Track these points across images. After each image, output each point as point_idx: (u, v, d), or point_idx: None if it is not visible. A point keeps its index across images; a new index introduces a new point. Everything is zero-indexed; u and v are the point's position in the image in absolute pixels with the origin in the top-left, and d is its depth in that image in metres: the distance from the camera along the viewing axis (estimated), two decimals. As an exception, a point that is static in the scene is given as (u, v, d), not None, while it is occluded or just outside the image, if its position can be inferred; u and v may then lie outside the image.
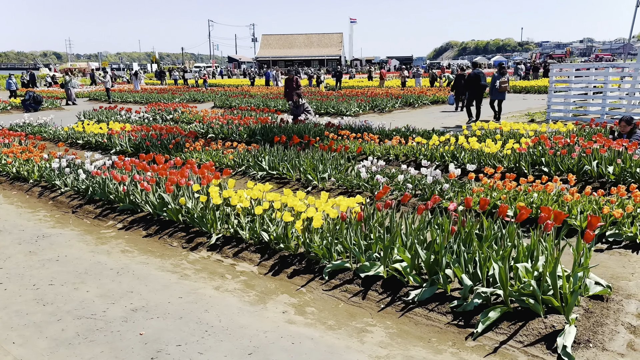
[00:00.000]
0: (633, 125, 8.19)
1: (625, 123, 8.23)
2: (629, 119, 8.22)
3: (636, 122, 8.42)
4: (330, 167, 8.04)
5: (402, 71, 31.78)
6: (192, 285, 4.52)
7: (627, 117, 8.25)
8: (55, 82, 46.28)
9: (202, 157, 9.42)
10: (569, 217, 5.47)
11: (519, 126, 10.41)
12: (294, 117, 15.44)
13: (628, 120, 8.21)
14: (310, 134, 11.01)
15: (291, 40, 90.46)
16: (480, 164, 8.40)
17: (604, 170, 7.21)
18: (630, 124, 8.16)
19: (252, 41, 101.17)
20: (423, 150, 9.22)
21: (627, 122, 8.22)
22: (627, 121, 8.21)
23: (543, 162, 7.87)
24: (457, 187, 6.68)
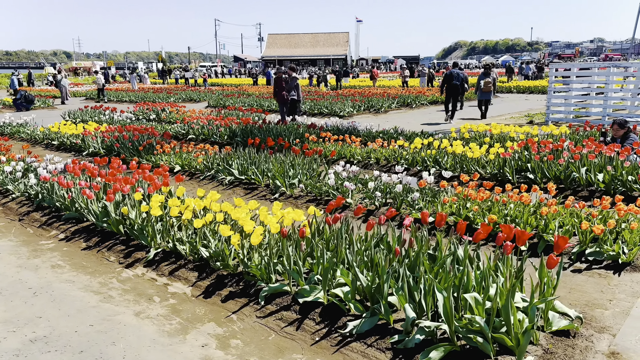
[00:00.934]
0: (627, 128, 7.60)
1: (617, 126, 7.65)
2: (622, 122, 7.63)
3: (632, 125, 7.84)
4: (301, 172, 7.52)
5: (403, 70, 31.13)
6: (112, 309, 4.02)
7: (620, 120, 7.67)
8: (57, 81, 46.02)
9: (173, 159, 8.94)
10: (545, 232, 4.92)
11: (509, 129, 9.84)
12: (281, 118, 14.97)
13: (621, 124, 7.63)
14: (292, 136, 10.50)
15: (297, 39, 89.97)
16: (462, 170, 7.85)
17: (593, 178, 6.65)
18: (624, 128, 7.57)
19: (259, 40, 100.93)
20: (404, 154, 8.68)
21: (620, 125, 7.63)
22: (620, 124, 7.63)
23: (529, 169, 7.30)
24: (430, 196, 6.13)
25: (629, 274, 4.38)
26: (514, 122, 15.49)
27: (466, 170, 7.80)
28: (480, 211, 5.41)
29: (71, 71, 71.57)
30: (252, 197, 7.33)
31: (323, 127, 11.81)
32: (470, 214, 5.44)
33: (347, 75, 42.55)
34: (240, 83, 40.16)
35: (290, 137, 10.37)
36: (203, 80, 37.32)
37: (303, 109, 18.97)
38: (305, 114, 18.77)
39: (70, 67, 73.69)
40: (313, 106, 18.96)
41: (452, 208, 5.68)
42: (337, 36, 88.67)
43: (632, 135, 7.56)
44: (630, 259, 4.45)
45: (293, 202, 6.95)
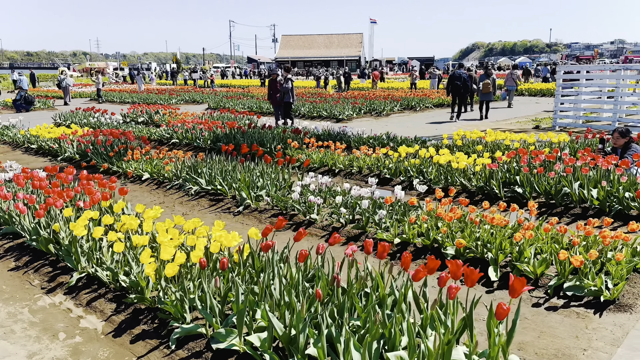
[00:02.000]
0: (628, 138, 6.90)
1: (618, 135, 6.95)
2: (623, 131, 6.93)
3: (635, 135, 7.15)
4: (269, 183, 6.95)
5: (413, 72, 30.36)
6: (4, 349, 3.49)
7: (622, 129, 6.97)
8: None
9: (141, 166, 8.44)
10: (519, 260, 4.29)
11: (504, 135, 9.16)
12: (276, 121, 14.45)
13: (623, 133, 6.93)
14: (273, 142, 9.94)
15: (311, 40, 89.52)
16: (447, 181, 7.22)
17: (587, 194, 5.98)
18: (625, 137, 6.88)
19: (273, 42, 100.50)
20: (387, 163, 8.07)
21: (621, 134, 6.93)
22: (622, 133, 6.93)
23: (518, 182, 6.65)
24: (399, 213, 5.52)
25: (611, 314, 3.73)
26: (519, 127, 14.79)
27: (451, 182, 7.18)
28: (450, 233, 4.79)
29: (85, 72, 71.91)
30: (216, 209, 6.79)
31: (312, 132, 11.23)
32: (439, 237, 4.82)
33: (363, 76, 41.89)
34: (248, 84, 39.72)
35: (272, 143, 9.81)
36: (210, 82, 36.98)
37: (303, 112, 18.45)
38: (304, 117, 18.25)
39: (84, 68, 74.03)
40: (312, 109, 18.39)
41: (422, 228, 5.07)
42: (351, 37, 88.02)
43: (634, 146, 6.85)
44: (614, 296, 3.81)
45: (257, 216, 6.39)
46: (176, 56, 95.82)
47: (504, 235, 4.57)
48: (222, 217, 6.52)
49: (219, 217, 6.53)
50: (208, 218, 6.49)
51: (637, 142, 7.12)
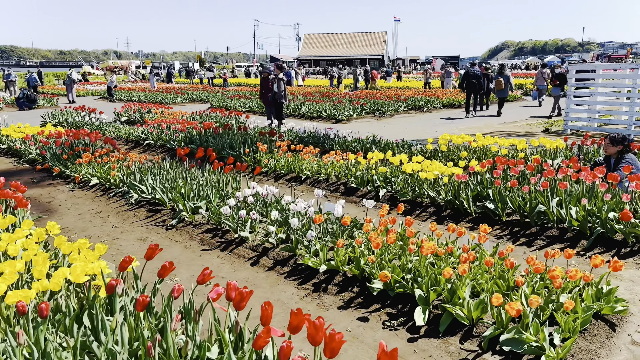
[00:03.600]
0: (624, 146, 5.93)
1: (609, 142, 5.98)
2: (616, 138, 5.96)
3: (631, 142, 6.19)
4: (213, 192, 6.23)
5: (427, 70, 29.24)
6: None
7: (614, 136, 5.99)
8: (85, 79, 46.30)
9: (90, 171, 7.81)
10: (451, 301, 3.47)
11: (493, 141, 8.23)
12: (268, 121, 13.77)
13: (614, 139, 5.95)
14: (244, 146, 9.23)
15: (333, 39, 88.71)
16: (414, 193, 6.39)
17: (565, 213, 5.09)
18: (616, 145, 5.91)
19: (296, 40, 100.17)
20: (354, 170, 7.27)
21: (611, 141, 5.96)
22: (612, 140, 5.96)
23: (490, 196, 5.78)
24: (338, 234, 4.73)
25: (553, 381, 2.89)
26: (528, 129, 13.79)
27: (418, 194, 6.34)
28: (379, 262, 3.99)
29: (108, 70, 72.59)
30: (150, 222, 6.09)
31: (295, 134, 10.49)
32: (366, 267, 4.02)
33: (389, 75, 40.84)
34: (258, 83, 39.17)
35: (241, 146, 9.10)
36: (223, 81, 36.53)
37: (302, 112, 17.72)
38: (303, 117, 17.51)
39: (107, 66, 74.72)
40: (312, 109, 17.62)
41: (355, 253, 4.28)
42: (374, 36, 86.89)
43: (629, 157, 5.87)
44: (560, 356, 2.96)
45: (190, 231, 5.67)
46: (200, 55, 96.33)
47: (439, 268, 3.75)
48: (153, 231, 5.83)
49: (149, 231, 5.84)
50: (137, 232, 5.81)
51: (636, 151, 6.13)
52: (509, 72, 17.00)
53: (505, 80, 16.86)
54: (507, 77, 17.14)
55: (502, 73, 17.27)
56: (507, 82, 17.03)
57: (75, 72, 26.23)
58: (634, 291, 3.92)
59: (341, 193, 7.21)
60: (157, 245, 3.35)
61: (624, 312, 3.40)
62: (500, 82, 16.67)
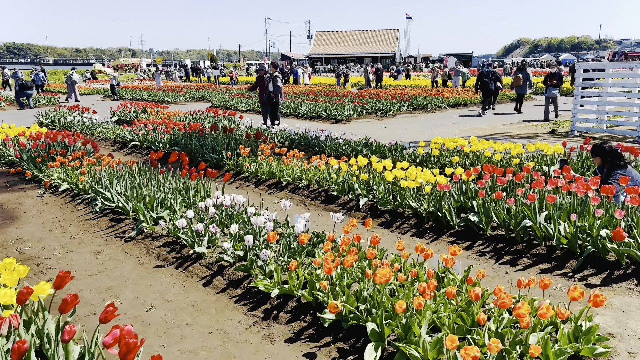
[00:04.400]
0: (611, 158, 5.39)
1: (593, 154, 5.44)
2: (595, 147, 5.41)
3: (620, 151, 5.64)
4: (176, 202, 5.82)
5: (434, 68, 28.53)
6: None
7: (595, 145, 5.44)
8: (94, 78, 46.32)
9: (62, 176, 7.46)
10: (406, 339, 3.02)
11: (486, 145, 7.71)
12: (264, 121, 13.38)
13: (593, 149, 5.41)
14: (226, 149, 8.83)
15: (345, 37, 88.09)
16: (396, 203, 5.93)
17: (553, 229, 4.60)
18: (594, 155, 5.38)
19: (308, 38, 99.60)
20: (335, 177, 6.82)
21: (593, 151, 5.42)
22: (595, 150, 5.42)
23: (474, 208, 5.31)
24: (297, 253, 4.29)
25: None
26: (534, 130, 13.23)
27: (400, 204, 5.88)
28: (332, 290, 3.54)
29: (120, 68, 72.72)
30: (110, 233, 5.71)
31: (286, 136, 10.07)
32: (320, 294, 3.58)
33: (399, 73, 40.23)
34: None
35: (224, 150, 8.70)
36: (230, 79, 36.20)
37: (302, 112, 17.28)
38: (303, 116, 17.08)
39: (117, 64, 74.85)
40: (312, 108, 17.18)
41: (313, 276, 3.84)
42: (386, 33, 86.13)
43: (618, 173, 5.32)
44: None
45: (148, 245, 5.27)
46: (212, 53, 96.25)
47: (396, 298, 3.30)
48: (111, 243, 5.44)
49: (107, 243, 5.45)
50: (93, 244, 5.42)
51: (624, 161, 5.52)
52: (529, 69, 16.64)
53: (525, 77, 16.57)
54: (526, 74, 16.84)
55: (522, 70, 17.00)
56: (527, 79, 16.74)
57: (75, 73, 26.02)
58: (623, 324, 3.43)
59: (321, 201, 6.78)
60: (68, 273, 2.94)
61: (605, 355, 2.92)
62: (519, 78, 16.41)
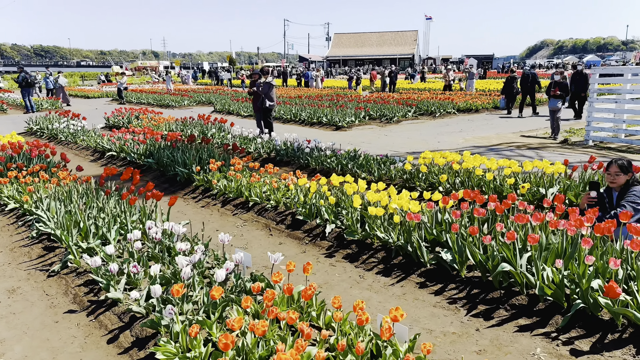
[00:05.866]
0: (631, 175, 4.55)
1: (617, 169, 4.58)
2: (625, 164, 4.57)
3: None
4: (114, 230, 5.14)
5: (447, 72, 27.46)
6: None
7: (623, 162, 4.59)
8: (108, 80, 46.23)
9: (9, 193, 6.85)
10: None
11: (478, 162, 6.85)
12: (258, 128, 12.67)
13: (624, 166, 4.57)
14: (200, 162, 8.14)
15: (363, 38, 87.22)
16: (364, 233, 5.16)
17: (535, 276, 3.78)
18: (626, 172, 4.54)
19: (326, 40, 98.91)
20: (302, 198, 6.07)
21: (621, 168, 4.57)
22: (623, 167, 4.57)
23: (449, 243, 4.50)
24: (209, 309, 3.54)
25: None
26: (545, 140, 12.25)
27: (368, 233, 5.10)
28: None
29: (138, 70, 72.96)
30: (37, 264, 5.05)
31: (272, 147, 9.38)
32: (219, 367, 2.84)
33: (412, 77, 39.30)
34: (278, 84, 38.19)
35: (194, 163, 8.01)
36: (241, 82, 35.67)
37: (303, 118, 16.56)
38: (303, 123, 16.36)
39: (136, 67, 75.18)
40: (313, 114, 16.44)
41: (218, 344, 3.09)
42: (405, 34, 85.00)
43: (638, 190, 4.48)
44: None
45: (68, 282, 4.58)
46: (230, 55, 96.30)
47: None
48: (32, 278, 4.77)
49: (28, 277, 4.79)
50: (13, 278, 4.78)
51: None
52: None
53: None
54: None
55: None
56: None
57: (62, 77, 25.84)
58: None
59: (287, 226, 6.03)
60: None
61: None
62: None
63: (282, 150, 9.68)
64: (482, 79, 39.19)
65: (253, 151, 10.33)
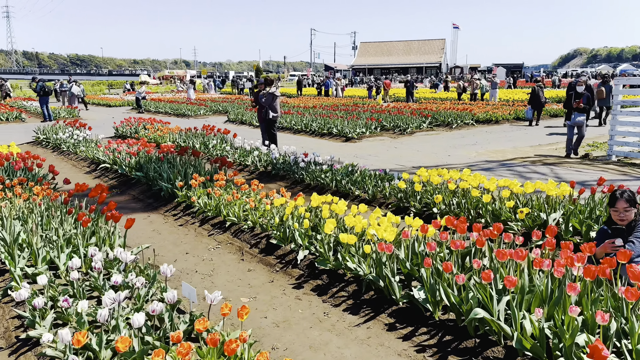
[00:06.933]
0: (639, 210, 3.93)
1: (626, 204, 3.93)
2: (631, 197, 3.94)
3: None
4: (63, 254, 4.73)
5: (473, 80, 26.49)
6: None
7: (630, 194, 3.95)
8: (133, 89, 46.65)
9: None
10: None
11: (475, 181, 6.24)
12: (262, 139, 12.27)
13: (631, 200, 3.94)
14: (185, 176, 7.75)
15: (389, 47, 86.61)
16: (336, 262, 4.64)
17: (514, 325, 3.21)
18: (635, 205, 3.91)
19: (352, 49, 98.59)
20: (277, 220, 5.58)
21: (629, 202, 3.93)
22: (631, 200, 3.94)
23: (424, 279, 3.94)
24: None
25: None
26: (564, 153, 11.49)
27: (339, 263, 4.58)
28: None
29: (165, 79, 73.79)
30: (-18, 289, 4.67)
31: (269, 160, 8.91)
32: None
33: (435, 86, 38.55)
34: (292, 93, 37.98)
35: (177, 178, 7.61)
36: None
37: (313, 128, 16.12)
38: (313, 133, 15.91)
39: (163, 75, 76.08)
40: (323, 125, 15.98)
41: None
42: (432, 43, 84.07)
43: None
44: None
45: (4, 312, 4.19)
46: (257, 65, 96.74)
47: None
48: (-30, 306, 4.39)
49: (-34, 305, 4.41)
50: (-52, 307, 4.39)
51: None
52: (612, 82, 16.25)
53: (607, 90, 16.66)
54: (610, 87, 16.81)
55: (605, 83, 17.39)
56: (609, 92, 16.62)
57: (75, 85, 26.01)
58: None
59: (260, 250, 5.56)
60: None
61: None
62: (602, 91, 16.59)
63: (278, 164, 9.24)
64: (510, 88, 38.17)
65: (250, 164, 9.93)
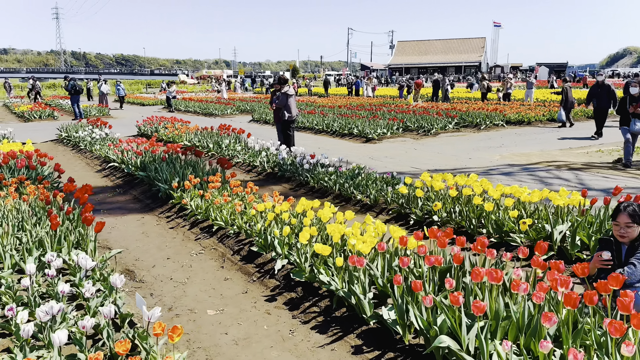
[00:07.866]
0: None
1: (629, 218, 3.45)
2: (636, 212, 3.45)
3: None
4: (29, 258, 4.54)
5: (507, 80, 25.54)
6: None
7: (632, 208, 3.47)
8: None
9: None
10: None
11: (479, 188, 5.76)
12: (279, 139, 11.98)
13: (635, 215, 3.44)
14: (182, 178, 7.53)
15: (427, 46, 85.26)
16: (311, 275, 4.29)
17: (483, 356, 2.80)
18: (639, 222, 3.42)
19: (390, 48, 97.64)
20: (259, 227, 5.27)
21: (633, 217, 3.44)
22: (635, 216, 3.44)
23: (396, 299, 3.55)
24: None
25: None
26: (595, 158, 10.81)
27: (314, 276, 4.23)
28: None
29: (202, 79, 74.81)
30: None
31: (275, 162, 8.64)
32: None
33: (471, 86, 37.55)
34: (332, 93, 37.57)
35: (173, 179, 7.40)
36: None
37: (334, 128, 15.76)
38: (334, 134, 15.57)
39: (200, 75, 77.10)
40: (344, 125, 15.61)
41: None
42: (472, 42, 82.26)
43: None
44: None
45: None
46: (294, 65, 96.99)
47: None
48: None
49: None
50: None
51: None
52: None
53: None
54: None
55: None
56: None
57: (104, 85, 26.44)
58: None
59: (242, 257, 5.26)
60: None
61: None
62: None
63: (285, 165, 8.94)
64: (552, 87, 36.78)
65: (258, 165, 9.68)
